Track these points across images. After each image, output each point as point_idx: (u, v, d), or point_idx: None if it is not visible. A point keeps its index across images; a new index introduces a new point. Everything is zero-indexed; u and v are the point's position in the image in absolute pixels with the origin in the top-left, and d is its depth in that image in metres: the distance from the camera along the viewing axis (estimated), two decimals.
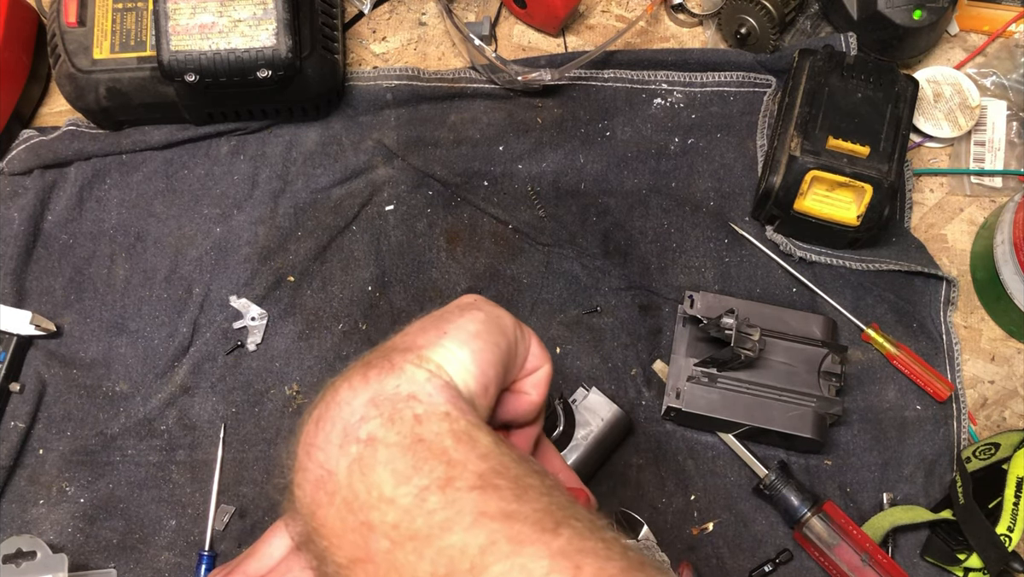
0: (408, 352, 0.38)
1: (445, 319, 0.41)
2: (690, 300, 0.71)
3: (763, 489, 0.70)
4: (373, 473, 0.35)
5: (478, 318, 0.42)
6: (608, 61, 0.82)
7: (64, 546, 0.70)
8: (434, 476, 0.34)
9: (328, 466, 0.36)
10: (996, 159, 0.82)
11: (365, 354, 0.39)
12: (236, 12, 0.69)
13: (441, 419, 0.36)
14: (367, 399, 0.36)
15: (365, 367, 0.37)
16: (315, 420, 0.37)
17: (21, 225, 0.76)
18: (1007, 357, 0.77)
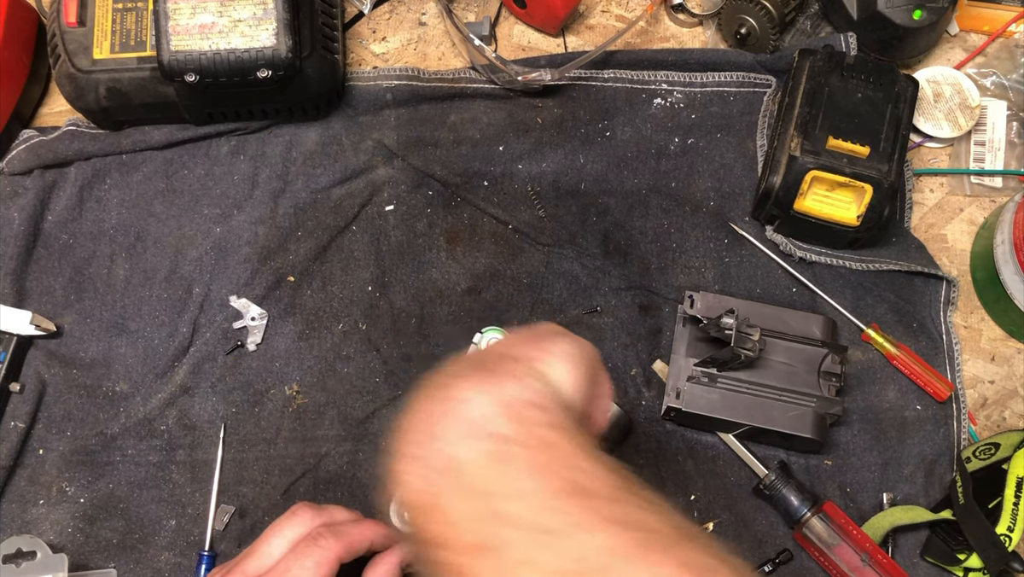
0: (519, 362, 0.42)
1: (545, 339, 0.45)
2: (690, 300, 0.71)
3: (763, 489, 0.70)
4: (509, 467, 0.37)
5: (576, 342, 0.46)
6: (608, 61, 0.82)
7: (64, 546, 0.70)
8: (566, 480, 0.37)
9: (456, 456, 0.38)
10: (996, 159, 0.82)
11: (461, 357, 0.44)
12: (236, 12, 0.69)
13: (564, 430, 0.39)
14: (495, 400, 0.39)
15: (483, 371, 0.41)
16: (433, 414, 0.40)
17: (21, 225, 0.76)
18: (1007, 357, 0.77)
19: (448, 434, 0.39)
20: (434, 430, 0.40)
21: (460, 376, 0.41)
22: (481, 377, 0.41)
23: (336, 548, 0.56)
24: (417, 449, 0.40)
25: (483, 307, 0.76)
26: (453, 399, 0.40)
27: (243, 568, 0.56)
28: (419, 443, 0.40)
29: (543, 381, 0.42)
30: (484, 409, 0.39)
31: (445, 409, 0.40)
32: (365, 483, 0.72)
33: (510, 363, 0.42)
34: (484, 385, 0.40)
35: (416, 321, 0.76)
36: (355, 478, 0.72)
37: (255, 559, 0.57)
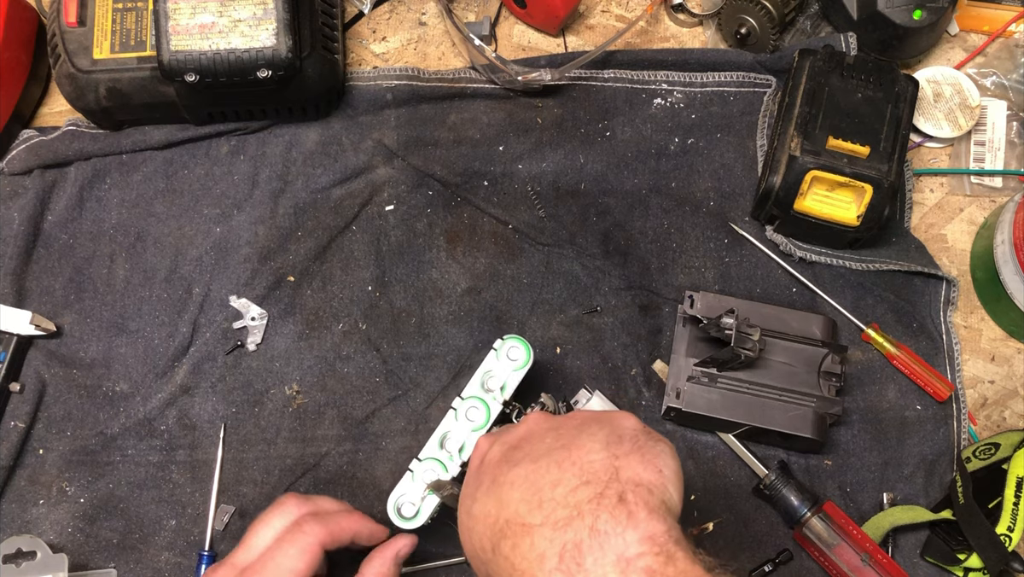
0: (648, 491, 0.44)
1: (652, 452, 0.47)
2: (690, 300, 0.71)
3: (763, 489, 0.70)
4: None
5: (674, 454, 0.49)
6: (608, 61, 0.82)
7: (64, 546, 0.70)
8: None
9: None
10: (996, 159, 0.82)
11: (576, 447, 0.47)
12: (236, 12, 0.69)
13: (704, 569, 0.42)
14: (641, 536, 0.42)
15: (621, 502, 0.43)
16: (573, 545, 0.42)
17: (21, 225, 0.76)
18: (1007, 357, 0.77)
19: (598, 566, 0.41)
20: (581, 561, 0.42)
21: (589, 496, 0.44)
22: (622, 510, 0.43)
23: (320, 534, 0.56)
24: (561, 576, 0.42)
25: (483, 307, 0.76)
26: (598, 532, 0.42)
27: (233, 561, 0.57)
28: (565, 571, 0.42)
29: (669, 510, 0.45)
30: (634, 546, 0.41)
31: (591, 542, 0.42)
32: (365, 483, 0.72)
33: (643, 491, 0.44)
34: (629, 520, 0.42)
35: (416, 321, 0.76)
36: (355, 478, 0.72)
37: (244, 551, 0.58)
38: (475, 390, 0.64)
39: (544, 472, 0.47)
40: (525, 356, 0.65)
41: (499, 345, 0.65)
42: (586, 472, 0.46)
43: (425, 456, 0.63)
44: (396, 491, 0.62)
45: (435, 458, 0.63)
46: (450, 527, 0.70)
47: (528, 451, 0.50)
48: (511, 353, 0.65)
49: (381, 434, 0.73)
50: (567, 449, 0.48)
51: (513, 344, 0.65)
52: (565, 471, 0.46)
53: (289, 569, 0.55)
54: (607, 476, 0.45)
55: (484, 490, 0.50)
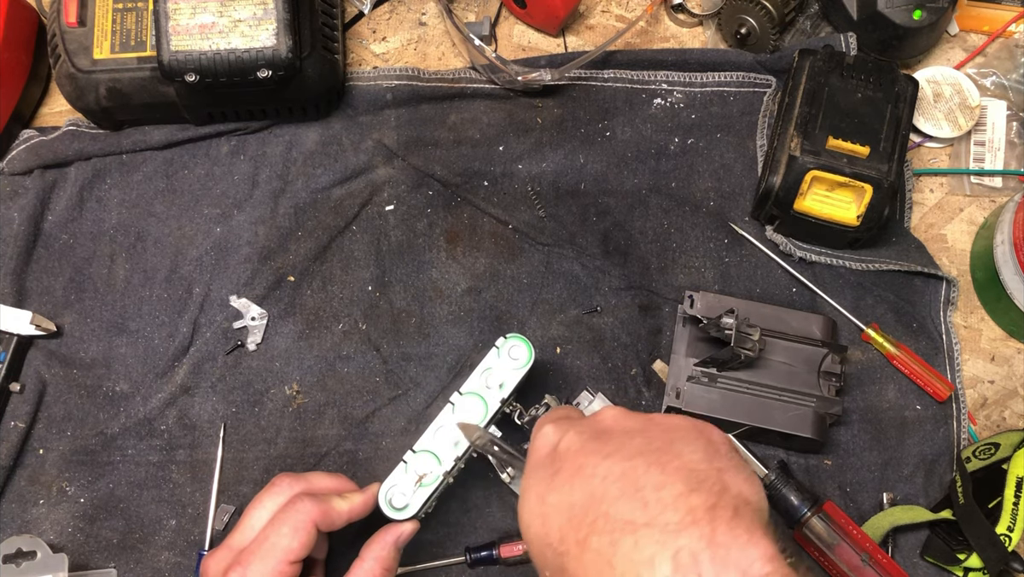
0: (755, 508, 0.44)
1: (747, 470, 0.47)
2: (690, 300, 0.71)
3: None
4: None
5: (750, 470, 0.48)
6: (608, 61, 0.82)
7: (64, 546, 0.70)
8: None
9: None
10: (996, 159, 0.82)
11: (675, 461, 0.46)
12: (236, 12, 0.69)
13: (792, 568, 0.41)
14: (762, 554, 0.40)
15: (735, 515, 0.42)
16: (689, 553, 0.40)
17: (21, 225, 0.76)
18: (1007, 357, 0.77)
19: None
20: (700, 570, 0.40)
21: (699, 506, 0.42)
22: (741, 526, 0.42)
23: (312, 512, 0.57)
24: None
25: (483, 307, 0.76)
26: (718, 545, 0.41)
27: (229, 543, 0.58)
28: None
29: (766, 514, 0.44)
30: (758, 564, 0.40)
31: (712, 554, 0.40)
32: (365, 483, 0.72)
33: (752, 507, 0.44)
34: (749, 538, 0.41)
35: (416, 321, 0.76)
36: (355, 478, 0.72)
37: (239, 533, 0.58)
38: (474, 386, 0.64)
39: (644, 471, 0.45)
40: (527, 355, 0.65)
41: (501, 343, 0.65)
42: (692, 480, 0.44)
43: (420, 448, 0.63)
44: (388, 481, 0.62)
45: (429, 450, 0.63)
46: (447, 528, 0.71)
47: (617, 446, 0.48)
48: (513, 352, 0.65)
49: (381, 434, 0.73)
50: (664, 453, 0.46)
51: (515, 343, 0.65)
52: (669, 475, 0.44)
53: (283, 548, 0.55)
54: (717, 488, 0.44)
55: (564, 478, 0.47)
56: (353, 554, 0.60)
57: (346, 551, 0.62)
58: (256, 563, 0.55)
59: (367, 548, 0.60)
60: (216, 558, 0.57)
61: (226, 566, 0.56)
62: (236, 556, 0.56)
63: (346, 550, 0.62)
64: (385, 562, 0.60)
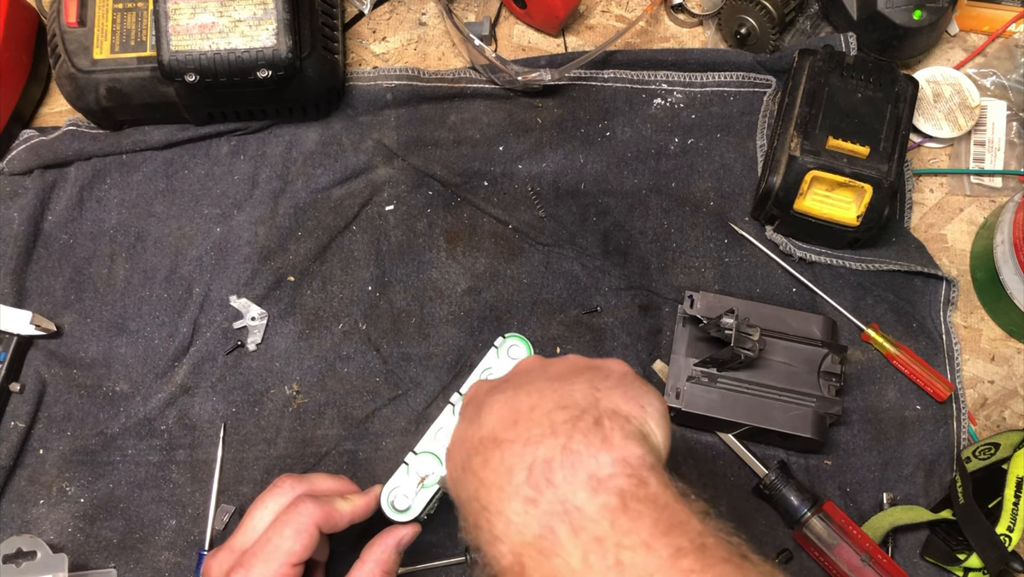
0: (626, 421, 0.44)
1: (638, 393, 0.47)
2: (690, 300, 0.71)
3: (763, 489, 0.70)
4: (630, 520, 0.39)
5: (660, 398, 0.48)
6: (608, 61, 0.82)
7: (64, 546, 0.70)
8: (688, 540, 0.39)
9: (579, 506, 0.40)
10: (996, 159, 0.82)
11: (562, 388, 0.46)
12: (236, 12, 0.69)
13: (679, 495, 0.41)
14: (614, 459, 0.41)
15: (597, 426, 0.43)
16: (543, 462, 0.42)
17: (21, 225, 0.76)
18: (1007, 357, 0.77)
19: (568, 483, 0.41)
20: (551, 477, 0.41)
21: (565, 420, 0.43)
22: (596, 433, 0.43)
23: (315, 514, 0.57)
24: (530, 491, 0.42)
25: (483, 307, 0.76)
26: (571, 451, 0.42)
27: (231, 545, 0.58)
28: (533, 486, 0.42)
29: (650, 443, 0.44)
30: (607, 467, 0.41)
31: (563, 460, 0.42)
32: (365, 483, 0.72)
33: (621, 420, 0.44)
34: (604, 444, 0.42)
35: (416, 321, 0.76)
36: (355, 478, 0.72)
37: (241, 535, 0.58)
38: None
39: (524, 398, 0.47)
40: (525, 354, 0.65)
41: (500, 343, 0.65)
42: (565, 399, 0.46)
43: (421, 449, 0.63)
44: (390, 483, 0.62)
45: (431, 452, 0.63)
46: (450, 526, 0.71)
47: (513, 383, 0.50)
48: (511, 351, 0.65)
49: (381, 434, 0.73)
50: (553, 382, 0.48)
51: (514, 342, 0.65)
52: (545, 398, 0.46)
53: (286, 550, 0.55)
54: (586, 404, 0.45)
55: (467, 419, 0.50)
56: (354, 556, 0.60)
57: (347, 553, 0.62)
58: (258, 565, 0.55)
59: (368, 550, 0.60)
60: (218, 559, 0.57)
61: (228, 568, 0.56)
62: (238, 557, 0.56)
63: (347, 552, 0.62)
64: (385, 565, 0.60)
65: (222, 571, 0.56)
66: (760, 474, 0.71)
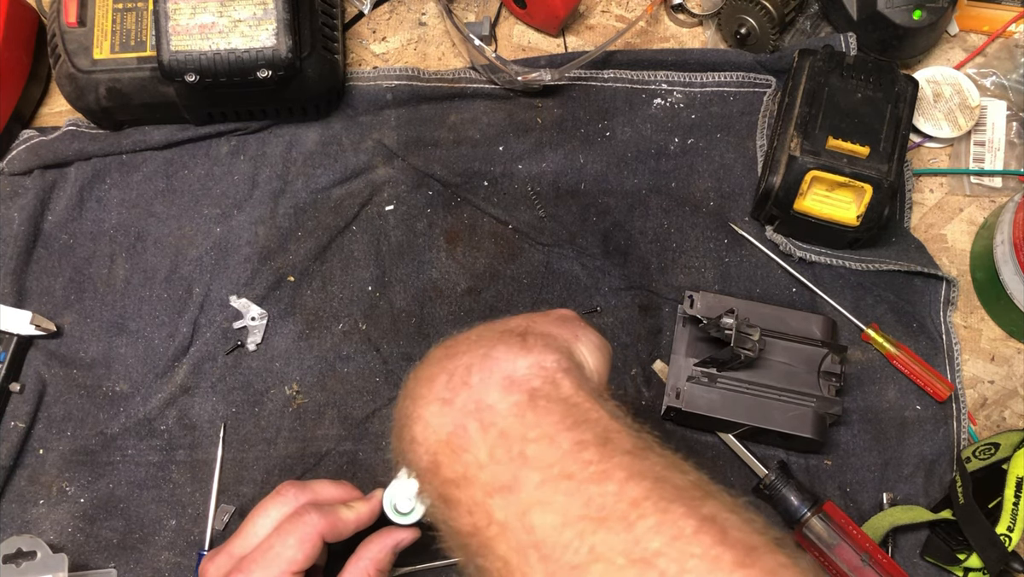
0: (554, 339, 0.45)
1: (574, 325, 0.48)
2: (690, 300, 0.71)
3: (763, 489, 0.70)
4: (540, 418, 0.41)
5: (599, 335, 0.49)
6: (608, 61, 0.82)
7: (64, 546, 0.70)
8: (592, 434, 0.40)
9: (489, 403, 0.41)
10: (996, 159, 0.82)
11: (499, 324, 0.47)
12: (236, 12, 0.69)
13: (592, 396, 0.42)
14: (531, 363, 0.43)
15: (520, 338, 0.44)
16: (466, 366, 0.43)
17: (21, 225, 0.76)
18: (1007, 357, 0.77)
19: (483, 384, 0.42)
20: (468, 379, 0.43)
21: (493, 339, 0.45)
22: (519, 344, 0.44)
23: (320, 525, 0.56)
24: (447, 393, 0.43)
25: (483, 307, 0.76)
26: (490, 357, 0.43)
27: (229, 549, 0.57)
28: (450, 388, 0.43)
29: (575, 361, 0.45)
30: (522, 369, 0.43)
31: (481, 364, 0.43)
32: (365, 483, 0.72)
33: (543, 337, 0.45)
34: (524, 351, 0.44)
35: (416, 321, 0.76)
36: (355, 478, 0.72)
37: (241, 540, 0.58)
38: None
39: (473, 332, 0.48)
40: None
41: None
42: (499, 326, 0.47)
43: None
44: (392, 486, 0.62)
45: None
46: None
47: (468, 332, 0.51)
48: None
49: (381, 434, 0.73)
50: (507, 320, 0.49)
51: None
52: (485, 329, 0.48)
53: (288, 558, 0.55)
54: (515, 328, 0.47)
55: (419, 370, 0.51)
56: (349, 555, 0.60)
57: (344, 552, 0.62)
58: (258, 571, 0.54)
59: (364, 547, 0.60)
60: (216, 563, 0.57)
61: (226, 572, 0.56)
62: (237, 563, 0.56)
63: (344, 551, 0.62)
64: (380, 564, 0.60)
65: (219, 575, 0.56)
66: (760, 474, 0.71)
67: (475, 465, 0.41)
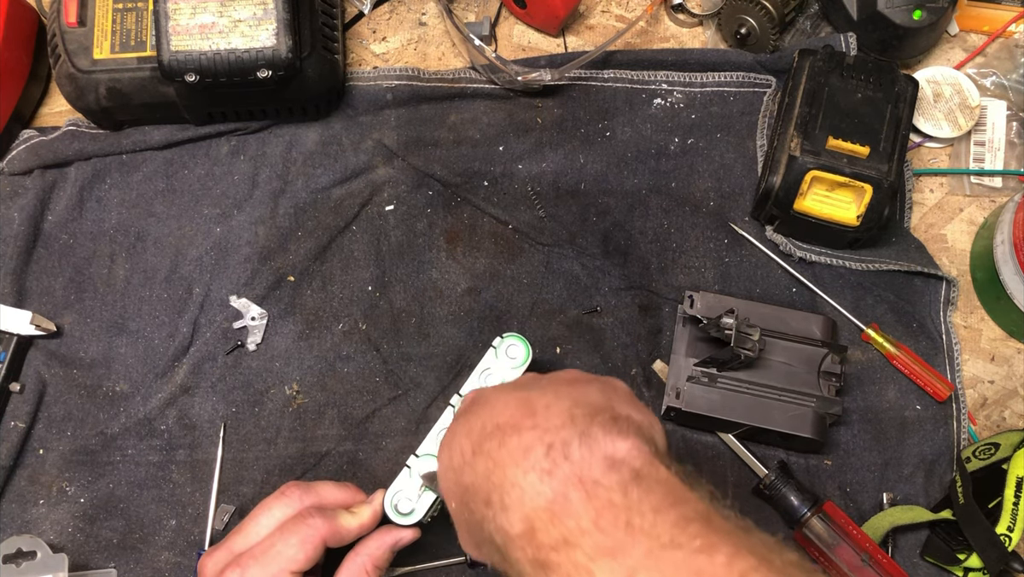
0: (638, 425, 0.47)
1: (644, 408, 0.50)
2: (690, 300, 0.71)
3: (763, 489, 0.70)
4: (641, 492, 0.42)
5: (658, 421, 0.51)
6: (608, 61, 0.82)
7: (64, 546, 0.70)
8: (695, 511, 0.42)
9: (591, 476, 0.43)
10: (996, 159, 0.82)
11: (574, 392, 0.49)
12: (236, 12, 0.69)
13: (687, 479, 0.45)
14: (630, 446, 0.45)
15: (614, 422, 0.46)
16: (562, 442, 0.44)
17: (21, 225, 0.76)
18: (1007, 357, 0.77)
19: (584, 461, 0.44)
20: (568, 454, 0.44)
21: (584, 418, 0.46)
22: (614, 426, 0.46)
23: (323, 529, 0.56)
24: (547, 464, 0.44)
25: (483, 307, 0.76)
26: (590, 436, 0.45)
27: (230, 546, 0.57)
28: (551, 460, 0.44)
29: (658, 446, 0.48)
30: (622, 451, 0.44)
31: (581, 442, 0.44)
32: (365, 483, 0.72)
33: (634, 423, 0.47)
34: (619, 434, 0.45)
35: (416, 321, 0.76)
36: (355, 478, 0.72)
37: (242, 537, 0.57)
38: (474, 387, 0.64)
39: (539, 396, 0.49)
40: (524, 354, 0.65)
41: (498, 343, 0.65)
42: (581, 400, 0.48)
43: (423, 452, 0.63)
44: (393, 487, 0.62)
45: (432, 454, 0.63)
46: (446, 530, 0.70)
47: (523, 385, 0.52)
48: (510, 351, 0.65)
49: (381, 434, 0.73)
50: (563, 385, 0.50)
51: (512, 342, 0.65)
52: (561, 397, 0.48)
53: (289, 558, 0.55)
54: (602, 405, 0.48)
55: (473, 411, 0.51)
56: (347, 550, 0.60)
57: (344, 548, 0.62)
58: (256, 567, 0.55)
59: (363, 544, 0.60)
60: (214, 559, 0.57)
61: (223, 566, 0.56)
62: (236, 558, 0.56)
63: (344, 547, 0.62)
64: (378, 561, 0.60)
65: (216, 570, 0.56)
66: (760, 474, 0.71)
67: (578, 531, 0.41)
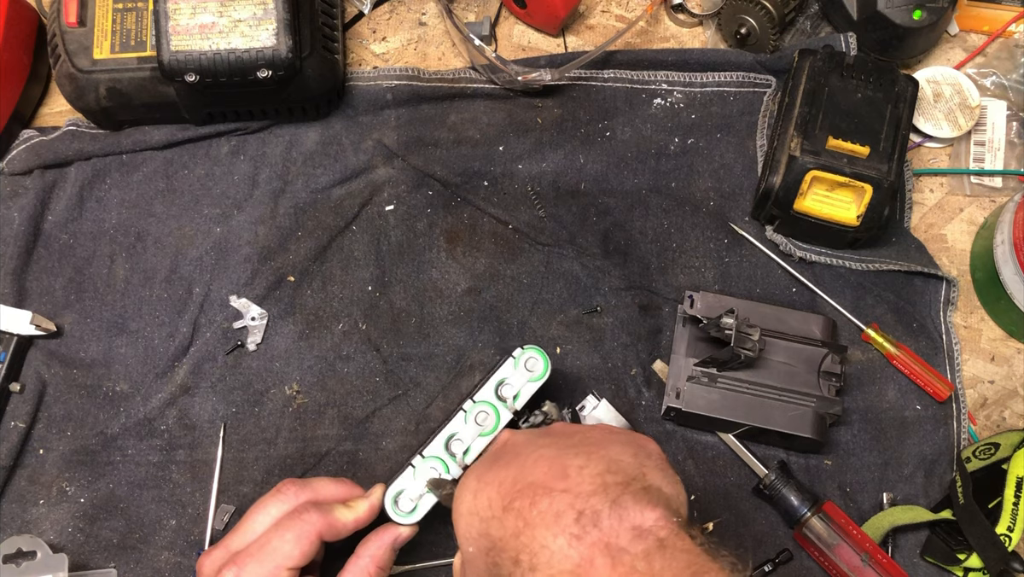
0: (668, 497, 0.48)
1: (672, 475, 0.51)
2: (690, 300, 0.71)
3: (763, 489, 0.70)
4: (665, 561, 0.44)
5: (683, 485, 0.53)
6: (608, 61, 0.82)
7: (64, 546, 0.70)
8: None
9: (618, 544, 0.44)
10: (996, 159, 0.82)
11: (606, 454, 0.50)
12: (236, 12, 0.69)
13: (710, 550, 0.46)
14: (658, 516, 0.46)
15: (645, 492, 0.47)
16: (592, 511, 0.46)
17: (21, 225, 0.76)
18: (1007, 357, 0.77)
19: (612, 529, 0.45)
20: (598, 522, 0.45)
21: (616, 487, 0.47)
22: (644, 497, 0.47)
23: (319, 524, 0.56)
24: (577, 530, 0.45)
25: (483, 307, 0.76)
26: (620, 506, 0.46)
27: (227, 544, 0.57)
28: (580, 526, 0.45)
29: (685, 517, 0.49)
30: (650, 521, 0.45)
31: (611, 511, 0.46)
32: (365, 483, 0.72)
33: (664, 495, 0.48)
34: (649, 504, 0.46)
35: (416, 321, 0.76)
36: (355, 477, 0.72)
37: (239, 535, 0.58)
38: (488, 395, 0.64)
39: (572, 456, 0.49)
40: (543, 368, 0.65)
41: (518, 353, 0.65)
42: (614, 466, 0.49)
43: (429, 454, 0.63)
44: (395, 485, 0.62)
45: (438, 457, 0.63)
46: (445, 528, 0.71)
47: (555, 440, 0.53)
48: (529, 364, 0.65)
49: (381, 434, 0.73)
50: (596, 447, 0.51)
51: (532, 355, 0.65)
52: (593, 460, 0.49)
53: (285, 554, 0.55)
54: (634, 473, 0.49)
55: (504, 462, 0.52)
56: (349, 553, 0.60)
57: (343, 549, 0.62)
58: (253, 565, 0.55)
59: (363, 546, 0.60)
60: (212, 557, 0.57)
61: (221, 565, 0.56)
62: (233, 556, 0.56)
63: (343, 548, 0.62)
64: (380, 561, 0.60)
65: (214, 568, 0.56)
66: (760, 474, 0.71)
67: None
